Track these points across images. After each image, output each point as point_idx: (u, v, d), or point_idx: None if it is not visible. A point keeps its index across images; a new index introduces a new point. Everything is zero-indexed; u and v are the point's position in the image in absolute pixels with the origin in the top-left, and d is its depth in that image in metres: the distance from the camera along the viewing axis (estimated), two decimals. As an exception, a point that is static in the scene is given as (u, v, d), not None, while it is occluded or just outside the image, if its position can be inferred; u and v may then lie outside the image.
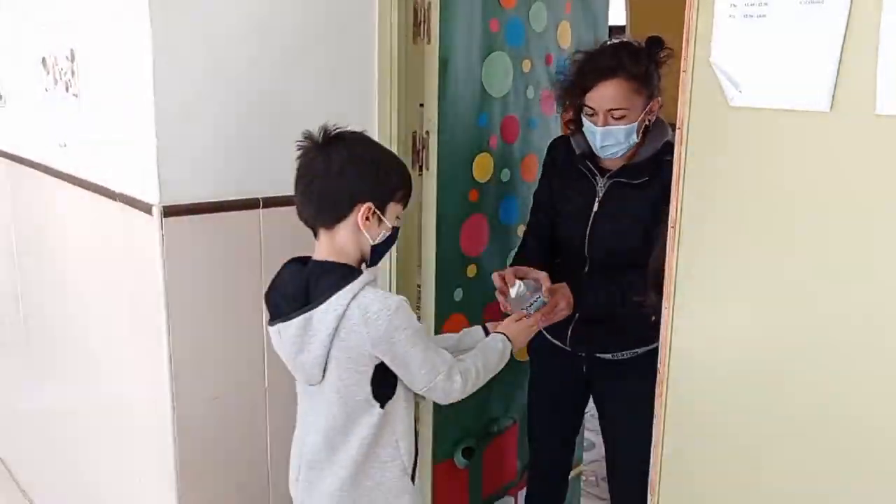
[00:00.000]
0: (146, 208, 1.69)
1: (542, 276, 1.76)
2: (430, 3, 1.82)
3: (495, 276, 1.78)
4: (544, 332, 2.01)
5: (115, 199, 1.82)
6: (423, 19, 1.83)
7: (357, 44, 1.86)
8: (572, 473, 2.40)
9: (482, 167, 2.14)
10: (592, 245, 1.85)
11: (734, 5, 1.21)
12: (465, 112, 2.05)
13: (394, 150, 1.89)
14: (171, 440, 1.74)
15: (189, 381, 1.74)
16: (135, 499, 2.04)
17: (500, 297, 1.77)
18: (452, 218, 2.07)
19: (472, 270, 2.19)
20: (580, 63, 1.80)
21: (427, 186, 1.93)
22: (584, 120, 1.80)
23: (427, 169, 1.92)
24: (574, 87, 1.79)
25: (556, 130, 2.41)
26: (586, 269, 1.88)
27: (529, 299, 1.69)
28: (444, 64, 1.90)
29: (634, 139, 1.77)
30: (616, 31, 3.82)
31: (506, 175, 2.23)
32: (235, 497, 1.88)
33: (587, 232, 1.85)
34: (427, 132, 1.90)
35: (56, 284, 2.36)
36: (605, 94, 1.73)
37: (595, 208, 1.84)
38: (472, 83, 2.06)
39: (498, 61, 2.14)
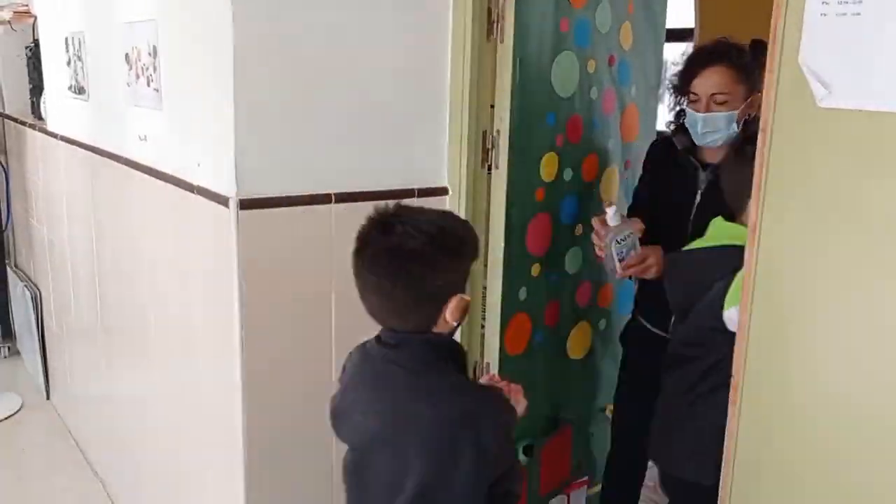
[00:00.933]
0: (223, 200, 1.73)
1: (635, 220, 1.88)
2: (504, 1, 1.82)
3: (594, 220, 1.90)
4: (644, 322, 2.04)
5: (193, 192, 1.87)
6: (497, 18, 1.83)
7: (431, 41, 1.87)
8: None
9: (549, 166, 2.14)
10: (693, 237, 1.85)
11: (826, 3, 1.18)
12: (535, 111, 2.04)
13: (464, 148, 1.90)
14: (241, 429, 1.78)
15: (260, 372, 1.78)
16: (203, 486, 2.09)
17: (595, 239, 1.90)
18: (519, 217, 2.06)
19: (535, 269, 2.18)
20: (688, 55, 1.93)
21: (496, 186, 1.93)
22: (688, 110, 1.89)
23: (497, 168, 1.92)
24: (682, 76, 1.91)
25: (616, 131, 2.39)
26: None
27: (624, 230, 1.80)
28: (516, 62, 1.90)
29: (735, 129, 1.83)
30: (684, 33, 3.76)
31: (568, 174, 2.22)
32: (302, 486, 1.91)
33: (689, 224, 1.89)
34: (498, 131, 1.90)
35: (132, 274, 2.44)
36: (708, 79, 1.84)
37: (697, 200, 1.88)
38: (542, 82, 2.06)
39: (566, 61, 2.13)
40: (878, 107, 1.13)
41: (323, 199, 1.79)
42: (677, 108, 1.99)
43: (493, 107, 1.94)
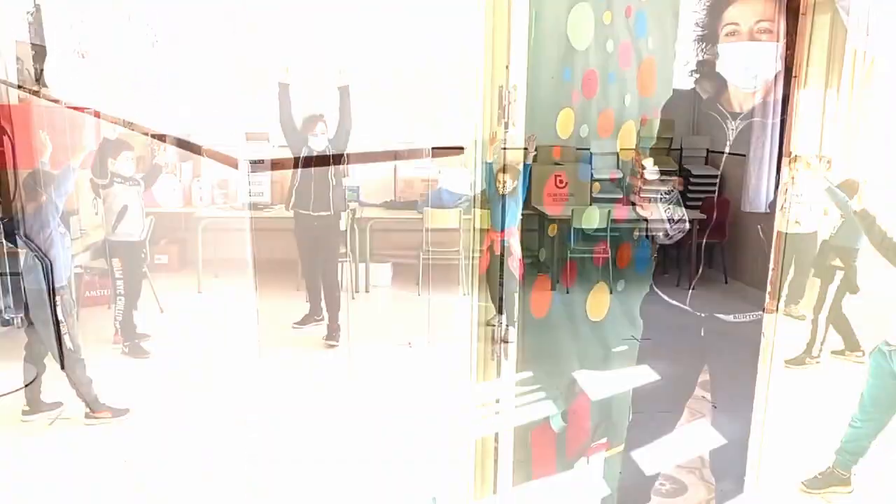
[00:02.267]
0: (232, 163, 1.69)
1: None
2: (520, -49, 1.74)
3: (631, 179, 1.77)
4: (662, 294, 1.97)
5: (200, 154, 1.83)
6: (511, -32, 1.76)
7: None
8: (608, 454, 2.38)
9: (565, 123, 2.08)
10: (724, 187, 1.79)
11: (866, -60, 1.12)
12: (550, 66, 1.98)
13: (479, 105, 1.85)
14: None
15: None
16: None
17: (636, 199, 1.74)
18: (537, 175, 2.02)
19: (552, 230, 2.14)
20: None
21: (513, 143, 1.88)
22: (725, 46, 1.73)
23: (514, 125, 1.87)
24: (714, 8, 1.74)
25: (633, 85, 2.32)
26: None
27: (667, 183, 1.67)
28: (532, 15, 1.83)
29: (779, 66, 1.70)
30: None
31: (584, 131, 2.16)
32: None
33: (719, 175, 1.80)
34: (514, 86, 1.84)
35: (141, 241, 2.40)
36: (752, 6, 1.68)
37: (727, 150, 1.78)
38: (558, 36, 1.99)
39: (582, 13, 2.06)
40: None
41: (337, 159, 1.75)
42: (700, 57, 1.86)
43: (507, 67, 1.87)
